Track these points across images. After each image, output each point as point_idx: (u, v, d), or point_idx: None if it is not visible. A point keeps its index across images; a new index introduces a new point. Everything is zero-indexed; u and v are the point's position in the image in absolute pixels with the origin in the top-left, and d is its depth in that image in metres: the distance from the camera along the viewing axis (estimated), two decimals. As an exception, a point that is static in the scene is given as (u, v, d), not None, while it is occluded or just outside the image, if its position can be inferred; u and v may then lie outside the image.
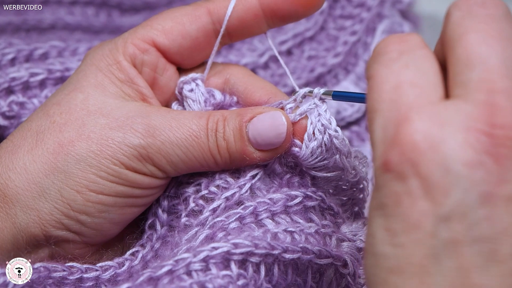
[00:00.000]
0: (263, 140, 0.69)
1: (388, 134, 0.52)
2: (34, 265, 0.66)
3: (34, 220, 0.68)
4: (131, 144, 0.68)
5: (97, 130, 0.68)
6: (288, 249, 0.64)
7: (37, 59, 0.89)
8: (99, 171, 0.68)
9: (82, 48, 0.93)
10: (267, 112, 0.69)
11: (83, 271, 0.68)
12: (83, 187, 0.68)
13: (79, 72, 0.72)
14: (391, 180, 0.51)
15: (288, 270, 0.66)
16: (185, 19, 0.72)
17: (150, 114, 0.69)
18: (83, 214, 0.68)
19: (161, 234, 0.72)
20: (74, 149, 0.68)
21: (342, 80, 0.99)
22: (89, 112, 0.69)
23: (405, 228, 0.51)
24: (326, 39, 1.00)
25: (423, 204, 0.50)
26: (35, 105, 0.82)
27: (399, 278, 0.51)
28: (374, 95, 0.54)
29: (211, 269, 0.61)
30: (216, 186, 0.70)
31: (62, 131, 0.69)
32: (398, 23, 1.02)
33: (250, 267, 0.63)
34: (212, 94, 0.73)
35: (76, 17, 1.12)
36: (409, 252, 0.51)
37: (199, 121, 0.69)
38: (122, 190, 0.69)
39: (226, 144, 0.69)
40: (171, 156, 0.68)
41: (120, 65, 0.71)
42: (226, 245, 0.62)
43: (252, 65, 0.96)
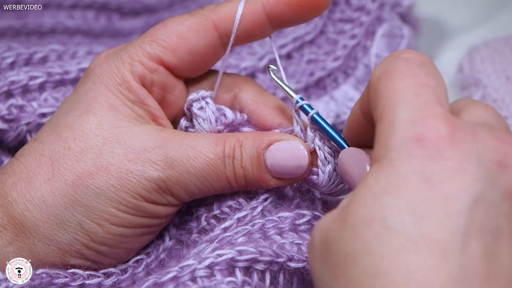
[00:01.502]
0: (282, 170, 0.69)
1: (418, 117, 0.54)
2: (37, 271, 0.66)
3: (53, 250, 0.68)
4: (150, 178, 0.67)
5: (115, 162, 0.67)
6: (293, 258, 0.64)
7: (37, 62, 0.89)
8: (119, 204, 0.67)
9: (81, 51, 0.93)
10: (285, 140, 0.69)
11: (85, 277, 0.69)
12: (104, 220, 0.67)
13: (88, 90, 0.71)
14: (422, 155, 0.53)
15: (293, 280, 0.66)
16: (192, 35, 0.70)
17: (167, 143, 0.68)
18: (103, 246, 0.68)
19: (168, 246, 0.72)
20: (93, 182, 0.67)
21: (341, 84, 0.99)
22: (105, 139, 0.68)
23: (434, 202, 0.52)
24: (326, 42, 1.00)
25: (455, 184, 0.52)
26: (34, 108, 0.82)
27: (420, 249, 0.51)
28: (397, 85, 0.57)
29: (216, 275, 0.62)
30: (228, 206, 0.71)
31: (78, 161, 0.68)
32: (398, 27, 1.01)
33: (255, 275, 0.63)
34: (223, 113, 0.72)
35: (76, 21, 1.11)
36: (435, 225, 0.51)
37: (216, 149, 0.68)
38: (141, 222, 0.69)
39: (243, 171, 0.69)
40: (189, 186, 0.68)
41: (130, 85, 0.70)
42: (230, 252, 0.63)
43: (251, 69, 0.96)
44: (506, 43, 1.05)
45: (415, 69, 0.57)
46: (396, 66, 0.58)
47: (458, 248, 0.51)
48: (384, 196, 0.53)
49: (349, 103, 0.98)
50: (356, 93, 0.99)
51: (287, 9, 0.69)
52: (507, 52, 1.04)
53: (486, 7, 1.18)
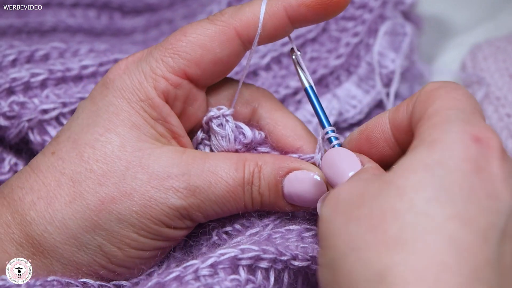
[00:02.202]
0: (299, 199, 0.69)
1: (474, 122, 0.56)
2: (48, 278, 0.66)
3: (71, 270, 0.68)
4: (173, 206, 0.67)
5: (138, 188, 0.67)
6: (297, 257, 0.64)
7: (38, 60, 0.89)
8: (141, 230, 0.67)
9: (83, 49, 0.92)
10: (305, 170, 0.69)
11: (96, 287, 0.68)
12: (125, 245, 0.67)
13: (108, 105, 0.69)
14: (478, 152, 0.54)
15: (298, 280, 0.66)
16: (215, 45, 0.69)
17: (189, 169, 0.68)
18: (121, 267, 0.69)
19: (178, 257, 0.72)
20: (116, 208, 0.67)
21: (344, 82, 0.99)
22: (128, 163, 0.67)
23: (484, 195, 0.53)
24: (328, 40, 1.00)
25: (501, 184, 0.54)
26: (35, 104, 0.81)
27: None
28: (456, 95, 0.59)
29: (219, 274, 0.62)
30: (240, 224, 0.71)
31: (101, 185, 0.67)
32: (400, 24, 1.01)
33: (259, 273, 0.63)
34: (242, 132, 0.71)
35: (78, 20, 1.11)
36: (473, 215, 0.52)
37: (236, 175, 0.68)
38: (160, 245, 0.69)
39: (260, 197, 0.69)
40: (208, 212, 0.69)
41: (153, 102, 0.69)
42: (233, 251, 0.63)
43: (254, 67, 0.96)
44: (509, 42, 1.05)
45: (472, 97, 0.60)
46: (458, 85, 0.60)
47: (496, 241, 0.52)
48: (438, 169, 0.53)
49: (352, 101, 0.98)
50: (358, 91, 0.98)
51: (309, 11, 0.68)
52: (510, 50, 1.04)
53: (489, 5, 1.18)
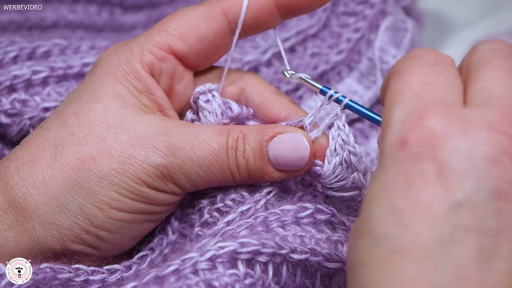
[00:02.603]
0: (284, 162, 0.69)
1: (409, 118, 0.54)
2: (41, 266, 0.66)
3: (53, 234, 0.68)
4: (153, 163, 0.67)
5: (118, 147, 0.68)
6: (296, 250, 0.64)
7: (40, 57, 0.89)
8: (121, 189, 0.67)
9: (84, 46, 0.92)
10: (288, 132, 0.69)
11: (89, 273, 0.68)
12: (105, 204, 0.67)
13: (95, 80, 0.71)
14: (406, 159, 0.52)
15: (296, 272, 0.66)
16: (201, 22, 0.71)
17: (171, 131, 0.68)
18: (103, 230, 0.68)
19: (171, 240, 0.71)
20: (95, 166, 0.67)
21: (345, 77, 0.99)
22: (109, 126, 0.69)
23: (415, 209, 0.51)
24: (329, 36, 1.00)
25: (437, 188, 0.51)
26: (37, 102, 0.82)
27: (401, 259, 0.51)
28: (401, 84, 0.56)
29: (217, 268, 0.61)
30: (231, 199, 0.70)
31: (82, 145, 0.68)
32: (402, 20, 1.01)
33: (258, 267, 0.63)
34: (229, 106, 0.72)
35: (78, 15, 1.11)
36: (415, 233, 0.51)
37: (220, 139, 0.68)
38: (142, 207, 0.68)
39: (245, 162, 0.69)
40: (191, 174, 0.68)
41: (138, 74, 0.70)
42: (232, 244, 0.62)
43: (255, 63, 0.96)
44: (509, 37, 1.05)
45: (426, 69, 0.57)
46: (408, 66, 0.58)
47: (440, 256, 0.50)
48: (373, 206, 0.53)
49: (353, 96, 0.98)
50: (360, 86, 0.98)
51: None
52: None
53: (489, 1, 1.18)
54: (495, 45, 0.58)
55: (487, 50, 0.57)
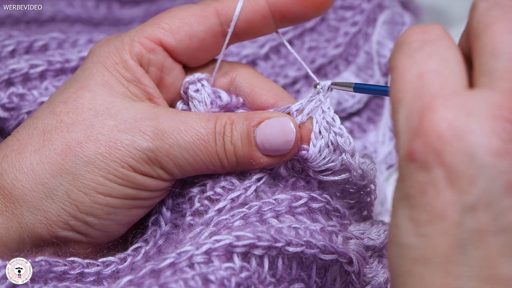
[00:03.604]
0: (271, 146, 0.69)
1: (412, 124, 0.52)
2: (36, 259, 0.66)
3: (41, 220, 0.68)
4: (139, 147, 0.67)
5: (105, 132, 0.68)
6: (291, 242, 0.64)
7: (37, 50, 0.89)
8: (107, 173, 0.67)
9: (82, 40, 0.92)
10: (275, 117, 0.69)
11: (85, 266, 0.68)
12: (91, 189, 0.67)
13: (85, 70, 0.72)
14: (415, 170, 0.51)
15: (292, 264, 0.66)
16: (193, 19, 0.71)
17: (159, 116, 0.69)
18: (90, 216, 0.68)
19: (164, 231, 0.71)
20: (82, 151, 0.67)
21: (343, 71, 0.99)
22: (97, 112, 0.69)
23: (430, 218, 0.50)
24: (327, 30, 1.00)
25: (448, 194, 0.50)
26: (35, 96, 0.82)
27: (425, 269, 0.50)
28: (397, 85, 0.54)
29: (213, 261, 0.61)
30: (221, 187, 0.70)
31: (69, 131, 0.68)
32: (399, 14, 1.01)
33: (254, 260, 0.63)
34: (218, 95, 0.72)
35: (76, 9, 1.11)
36: (434, 242, 0.50)
37: (207, 124, 0.69)
38: (129, 193, 0.68)
39: (233, 148, 0.69)
40: (179, 160, 0.68)
41: (127, 64, 0.71)
42: (228, 238, 0.62)
43: (253, 56, 0.96)
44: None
45: (414, 57, 0.55)
46: (397, 59, 0.56)
47: (461, 261, 0.50)
48: (396, 216, 0.52)
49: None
50: (357, 80, 0.98)
51: (289, 2, 0.70)
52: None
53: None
54: (491, 2, 0.54)
55: (484, 10, 0.54)
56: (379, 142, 0.98)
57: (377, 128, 0.98)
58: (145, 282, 0.59)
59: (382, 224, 0.72)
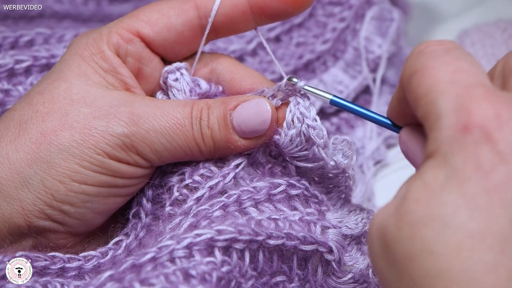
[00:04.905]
0: (247, 127, 0.69)
1: (460, 105, 0.52)
2: (16, 254, 0.66)
3: (17, 210, 0.67)
4: (114, 133, 0.67)
5: (80, 120, 0.68)
6: (272, 235, 0.64)
7: (23, 46, 0.88)
8: (82, 160, 0.67)
9: (68, 35, 0.92)
10: (251, 100, 0.69)
11: (66, 260, 0.68)
12: (66, 177, 0.67)
13: (62, 62, 0.72)
14: (471, 144, 0.51)
15: (273, 257, 0.66)
16: (172, 12, 0.72)
17: (134, 103, 0.69)
18: (66, 204, 0.68)
19: (145, 223, 0.71)
20: (57, 139, 0.67)
21: (330, 67, 0.99)
22: (72, 101, 0.69)
23: (487, 192, 0.50)
24: (315, 25, 0.99)
25: (504, 169, 0.50)
26: (20, 92, 0.81)
27: (477, 244, 0.49)
28: (429, 80, 0.55)
29: (194, 255, 0.61)
30: (200, 175, 0.70)
31: (45, 121, 0.68)
32: (388, 10, 1.01)
33: (235, 254, 0.63)
34: (197, 83, 0.72)
35: (64, 6, 1.11)
36: (490, 217, 0.49)
37: (184, 110, 0.69)
38: (105, 180, 0.68)
39: (210, 132, 0.69)
40: (155, 145, 0.68)
41: (104, 54, 0.71)
42: (209, 232, 0.62)
43: (240, 52, 0.96)
44: (496, 27, 1.05)
45: (442, 59, 0.56)
46: (422, 62, 0.56)
47: None
48: (441, 193, 0.51)
49: (338, 86, 0.98)
50: (345, 76, 0.98)
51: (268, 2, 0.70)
52: (498, 36, 1.03)
53: (477, -9, 1.18)
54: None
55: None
56: (367, 137, 0.98)
57: (365, 124, 0.98)
58: (125, 277, 0.59)
59: (360, 210, 0.73)
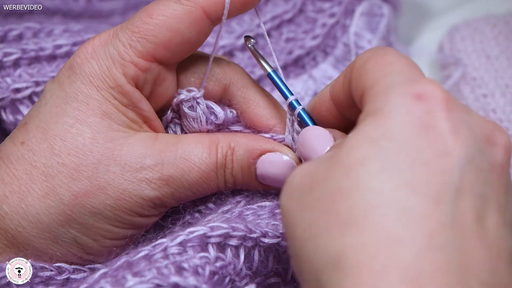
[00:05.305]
0: (271, 181, 0.70)
1: (412, 78, 0.56)
2: None
3: (46, 260, 0.68)
4: (147, 197, 0.67)
5: (111, 181, 0.66)
6: (267, 234, 0.64)
7: (12, 40, 0.88)
8: (115, 221, 0.67)
9: (58, 29, 0.92)
10: (277, 152, 0.70)
11: (71, 271, 0.68)
12: (100, 236, 0.67)
13: (77, 93, 0.68)
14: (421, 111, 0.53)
15: (269, 257, 0.66)
16: (183, 26, 0.67)
17: (163, 158, 0.67)
18: (97, 256, 0.69)
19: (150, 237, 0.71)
20: (89, 202, 0.66)
21: (320, 63, 0.99)
22: (100, 156, 0.67)
23: (436, 155, 0.52)
24: (305, 21, 0.99)
25: (453, 140, 0.53)
26: (8, 83, 0.81)
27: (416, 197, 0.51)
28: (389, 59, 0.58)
29: (188, 251, 0.61)
30: (213, 202, 0.71)
31: (74, 179, 0.66)
32: (378, 5, 1.01)
33: (229, 251, 0.63)
34: (213, 112, 0.71)
35: (55, 2, 1.11)
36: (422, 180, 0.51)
37: (209, 160, 0.68)
38: (133, 232, 0.69)
39: (233, 179, 0.69)
40: (181, 197, 0.69)
41: (123, 88, 0.67)
42: (202, 228, 0.62)
43: (229, 47, 0.96)
44: (486, 23, 1.05)
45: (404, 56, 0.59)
46: (385, 50, 0.59)
47: (450, 200, 0.51)
48: (382, 140, 0.53)
49: (328, 81, 0.98)
50: (335, 72, 0.98)
51: None
52: (487, 32, 1.04)
53: (467, -13, 1.18)
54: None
55: None
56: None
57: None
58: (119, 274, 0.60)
59: None
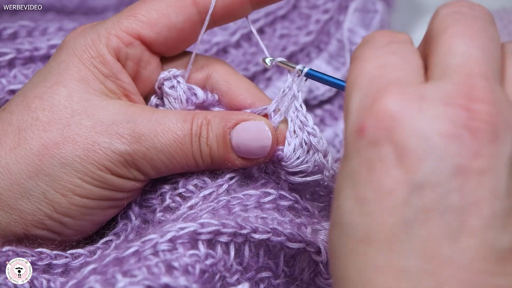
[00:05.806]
0: (246, 150, 0.69)
1: (365, 104, 0.53)
2: (3, 249, 0.66)
3: (16, 219, 0.67)
4: (117, 151, 0.67)
5: (82, 133, 0.67)
6: (258, 229, 0.64)
7: (6, 39, 0.88)
8: (84, 175, 0.67)
9: (52, 28, 0.92)
10: (252, 120, 0.69)
11: (53, 257, 0.68)
12: (68, 191, 0.67)
13: (60, 63, 0.70)
14: (365, 147, 0.52)
15: (259, 252, 0.66)
16: (171, 10, 0.70)
17: (136, 118, 0.68)
18: (66, 217, 0.68)
19: (135, 225, 0.71)
20: (59, 152, 0.67)
21: (314, 59, 0.99)
22: (73, 111, 0.68)
23: (377, 196, 0.51)
24: (298, 17, 1.00)
25: (397, 172, 0.50)
26: (3, 84, 0.81)
27: (368, 247, 0.50)
28: (355, 72, 0.55)
29: (178, 249, 0.61)
30: (193, 185, 0.71)
31: (46, 131, 0.67)
32: (371, 1, 1.01)
33: (219, 248, 0.63)
34: (194, 92, 0.72)
35: (49, -2, 1.11)
36: (380, 220, 0.50)
37: (184, 126, 0.69)
38: (105, 194, 0.68)
39: (209, 149, 0.69)
40: (155, 162, 0.68)
41: (104, 59, 0.70)
42: (193, 225, 0.62)
43: (223, 44, 0.96)
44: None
45: (378, 51, 0.56)
46: (361, 51, 0.57)
47: (405, 239, 0.50)
48: (340, 196, 0.53)
49: (322, 78, 0.98)
50: (329, 68, 0.98)
51: None
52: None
53: (462, -18, 1.17)
54: (453, 9, 0.56)
55: (445, 15, 0.56)
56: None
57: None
58: (108, 270, 0.59)
59: None
